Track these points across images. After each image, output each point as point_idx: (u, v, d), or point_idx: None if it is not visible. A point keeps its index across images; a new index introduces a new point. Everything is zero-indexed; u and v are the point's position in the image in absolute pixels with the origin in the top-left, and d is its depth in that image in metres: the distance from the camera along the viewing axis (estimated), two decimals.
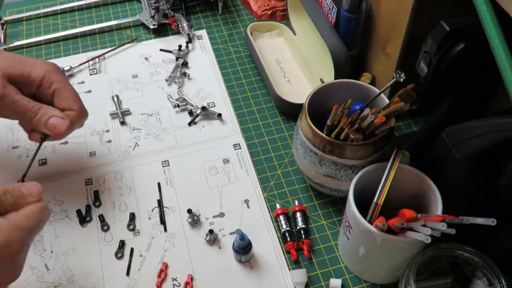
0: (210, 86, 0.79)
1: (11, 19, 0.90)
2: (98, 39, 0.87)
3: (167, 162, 0.69)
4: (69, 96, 0.56)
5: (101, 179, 0.67)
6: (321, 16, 0.71)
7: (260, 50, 0.81)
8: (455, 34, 0.49)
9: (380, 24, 0.66)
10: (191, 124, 0.73)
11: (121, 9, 0.92)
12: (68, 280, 0.57)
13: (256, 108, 0.76)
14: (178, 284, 0.58)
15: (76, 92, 0.58)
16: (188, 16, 0.91)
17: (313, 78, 0.77)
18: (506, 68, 0.40)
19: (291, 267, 0.59)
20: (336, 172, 0.57)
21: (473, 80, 0.53)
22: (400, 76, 0.51)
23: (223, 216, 0.63)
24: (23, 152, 0.70)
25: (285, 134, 0.73)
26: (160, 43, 0.86)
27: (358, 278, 0.58)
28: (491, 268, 0.50)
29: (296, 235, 0.61)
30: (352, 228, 0.52)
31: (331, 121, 0.54)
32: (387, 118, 0.52)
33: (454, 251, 0.52)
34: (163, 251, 0.60)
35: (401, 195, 0.54)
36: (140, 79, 0.80)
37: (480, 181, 0.50)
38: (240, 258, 0.58)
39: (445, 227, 0.44)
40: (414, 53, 0.55)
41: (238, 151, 0.70)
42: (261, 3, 0.86)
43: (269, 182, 0.67)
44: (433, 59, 0.51)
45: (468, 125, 0.49)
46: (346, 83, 0.61)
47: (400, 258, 0.52)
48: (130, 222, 0.62)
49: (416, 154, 0.57)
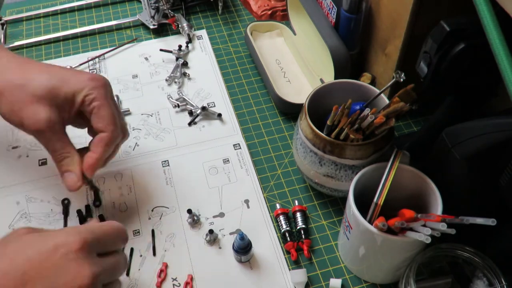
0: (210, 86, 0.79)
1: (11, 19, 0.90)
2: (98, 39, 0.87)
3: (167, 162, 0.69)
4: (105, 116, 0.55)
5: (101, 179, 0.67)
6: (321, 16, 0.71)
7: (260, 50, 0.81)
8: (455, 34, 0.49)
9: (380, 24, 0.66)
10: (191, 124, 0.73)
11: (121, 9, 0.92)
12: None
13: (256, 108, 0.76)
14: (178, 284, 0.58)
15: (115, 112, 0.57)
16: (188, 16, 0.91)
17: (313, 78, 0.77)
18: (506, 68, 0.40)
19: (291, 267, 0.59)
20: (336, 172, 0.57)
21: (473, 80, 0.53)
22: (400, 76, 0.51)
23: (223, 216, 0.63)
24: (23, 152, 0.70)
25: (285, 134, 0.73)
26: (160, 43, 0.86)
27: (358, 278, 0.58)
28: (491, 268, 0.50)
29: (296, 235, 0.61)
30: (352, 228, 0.52)
31: (331, 121, 0.54)
32: (387, 118, 0.52)
33: (454, 251, 0.52)
34: (163, 251, 0.60)
35: (401, 195, 0.54)
36: (140, 79, 0.80)
37: (480, 181, 0.50)
38: (240, 258, 0.58)
39: (445, 227, 0.44)
40: (414, 53, 0.55)
41: (238, 151, 0.70)
42: (261, 3, 0.86)
43: (269, 182, 0.67)
44: (433, 59, 0.51)
45: (468, 125, 0.49)
46: (346, 83, 0.61)
47: (400, 258, 0.52)
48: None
49: (416, 154, 0.57)
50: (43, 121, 0.53)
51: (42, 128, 0.53)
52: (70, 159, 0.55)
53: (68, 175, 0.55)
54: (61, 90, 0.54)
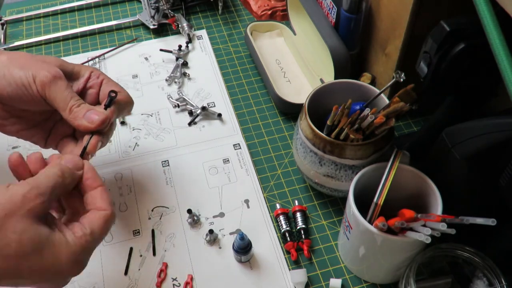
0: (210, 86, 0.79)
1: (11, 19, 0.90)
2: (98, 39, 0.87)
3: (167, 162, 0.69)
4: (116, 84, 0.58)
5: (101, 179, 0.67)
6: (321, 16, 0.71)
7: (260, 50, 0.81)
8: (455, 34, 0.49)
9: (380, 24, 0.66)
10: (191, 124, 0.73)
11: (121, 9, 0.92)
12: None
13: (256, 108, 0.76)
14: (178, 284, 0.58)
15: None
16: (188, 16, 0.91)
17: (313, 78, 0.77)
18: (506, 68, 0.40)
19: (291, 267, 0.59)
20: (336, 172, 0.57)
21: (473, 80, 0.53)
22: (400, 76, 0.51)
23: (223, 216, 0.63)
24: (23, 152, 0.69)
25: (285, 134, 0.73)
26: (160, 43, 0.86)
27: (358, 278, 0.58)
28: (491, 268, 0.50)
29: (296, 235, 0.61)
30: (352, 228, 0.52)
31: (331, 121, 0.54)
32: (387, 118, 0.52)
33: (454, 251, 0.52)
34: (163, 251, 0.60)
35: (401, 195, 0.54)
36: (140, 79, 0.80)
37: (480, 181, 0.50)
38: (240, 258, 0.58)
39: (445, 227, 0.43)
40: (414, 53, 0.55)
41: (238, 151, 0.70)
42: (261, 3, 0.86)
43: (269, 182, 0.67)
44: (433, 59, 0.51)
45: (468, 125, 0.49)
46: (346, 83, 0.61)
47: (400, 258, 0.52)
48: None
49: (416, 154, 0.57)
50: (57, 69, 0.53)
51: (57, 74, 0.53)
52: (86, 104, 0.55)
53: (92, 111, 0.54)
54: (68, 64, 0.56)
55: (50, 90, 0.52)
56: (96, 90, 0.57)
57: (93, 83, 0.57)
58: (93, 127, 0.53)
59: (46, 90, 0.52)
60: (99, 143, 0.54)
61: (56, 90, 0.53)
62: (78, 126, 0.53)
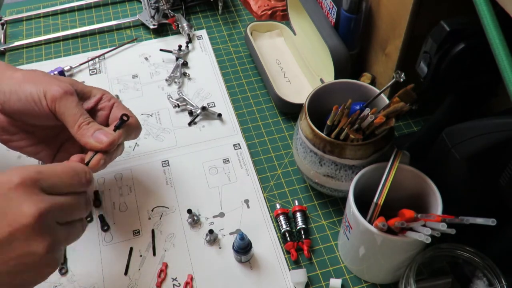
0: (210, 86, 0.79)
1: (11, 19, 0.90)
2: (98, 39, 0.87)
3: (167, 162, 0.69)
4: (126, 109, 0.59)
5: (101, 179, 0.67)
6: (321, 16, 0.71)
7: (260, 50, 0.81)
8: (455, 34, 0.49)
9: (380, 24, 0.66)
10: (191, 124, 0.73)
11: (121, 9, 0.92)
12: (68, 280, 0.58)
13: (256, 108, 0.76)
14: (178, 284, 0.58)
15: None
16: (188, 16, 0.91)
17: (313, 78, 0.77)
18: (506, 68, 0.40)
19: (291, 267, 0.59)
20: (336, 172, 0.57)
21: (473, 80, 0.53)
22: (400, 76, 0.51)
23: (223, 216, 0.63)
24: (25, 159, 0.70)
25: (285, 134, 0.73)
26: (160, 43, 0.86)
27: (358, 278, 0.58)
28: (491, 268, 0.50)
29: (296, 235, 0.61)
30: (352, 228, 0.52)
31: (331, 121, 0.54)
32: (387, 118, 0.52)
33: (454, 251, 0.52)
34: (163, 251, 0.60)
35: (401, 195, 0.54)
36: (140, 79, 0.80)
37: (480, 181, 0.50)
38: (240, 258, 0.58)
39: (445, 227, 0.44)
40: (414, 53, 0.55)
41: (238, 151, 0.70)
42: (261, 3, 0.86)
43: (269, 182, 0.67)
44: (433, 59, 0.51)
45: (468, 125, 0.49)
46: (346, 83, 0.61)
47: (400, 258, 0.52)
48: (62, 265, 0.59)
49: (416, 154, 0.57)
50: (69, 86, 0.54)
51: (68, 90, 0.53)
52: (95, 123, 0.55)
53: (101, 131, 0.54)
54: (79, 85, 0.57)
55: (60, 105, 0.53)
56: (106, 112, 0.58)
57: (104, 105, 0.58)
58: (100, 147, 0.53)
59: (56, 104, 0.52)
60: (102, 160, 0.54)
61: (66, 105, 0.53)
62: (85, 144, 0.53)
